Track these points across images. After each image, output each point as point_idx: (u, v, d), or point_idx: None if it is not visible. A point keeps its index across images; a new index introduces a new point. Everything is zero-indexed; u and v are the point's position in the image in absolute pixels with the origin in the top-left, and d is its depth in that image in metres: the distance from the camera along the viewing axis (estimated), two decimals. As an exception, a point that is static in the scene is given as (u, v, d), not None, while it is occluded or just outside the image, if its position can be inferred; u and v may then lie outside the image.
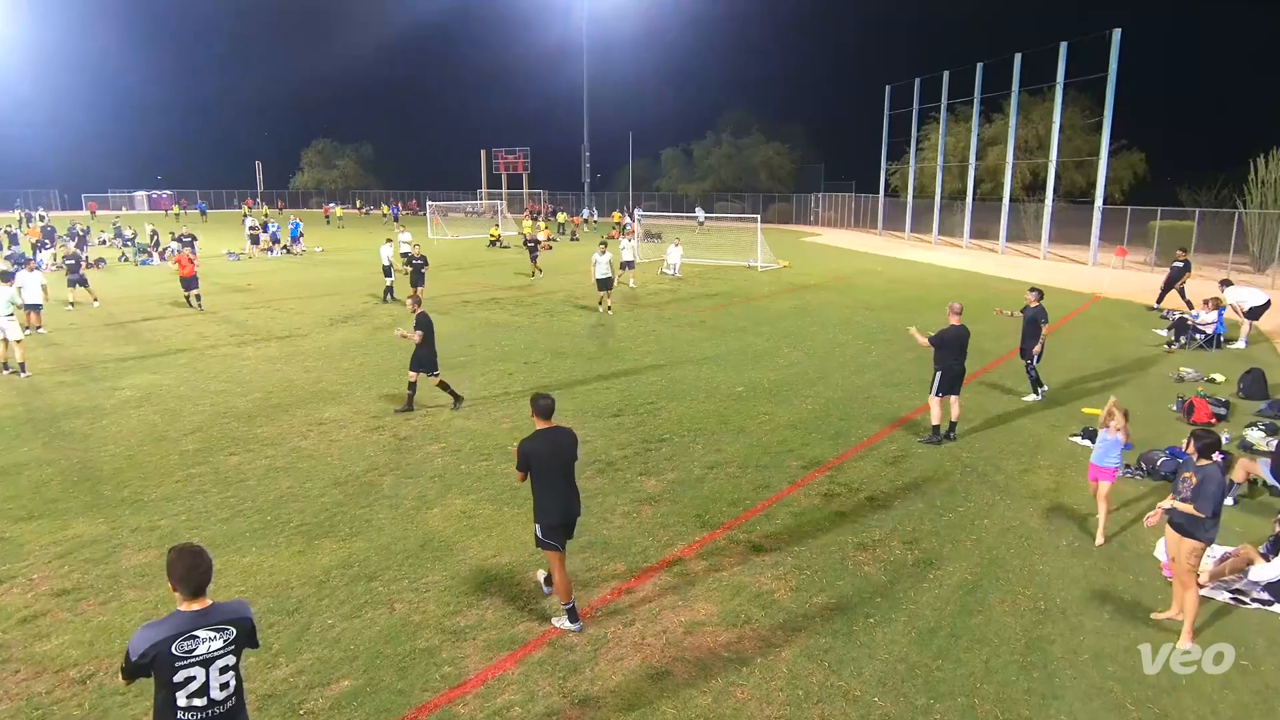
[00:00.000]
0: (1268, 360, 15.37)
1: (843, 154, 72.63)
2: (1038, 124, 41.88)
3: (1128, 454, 10.18)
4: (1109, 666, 5.84)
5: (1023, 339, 12.55)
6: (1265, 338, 17.77)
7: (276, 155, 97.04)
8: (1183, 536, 6.18)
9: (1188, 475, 6.19)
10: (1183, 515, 6.14)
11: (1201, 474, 6.07)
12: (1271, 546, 7.14)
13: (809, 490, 9.05)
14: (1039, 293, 12.50)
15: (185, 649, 3.45)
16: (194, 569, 3.57)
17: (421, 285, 21.05)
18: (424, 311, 11.93)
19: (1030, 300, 12.40)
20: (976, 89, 40.18)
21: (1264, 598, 6.80)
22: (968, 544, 7.74)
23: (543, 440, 6.16)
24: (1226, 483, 6.34)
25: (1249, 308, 17.28)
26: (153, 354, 15.78)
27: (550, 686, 5.54)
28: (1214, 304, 17.10)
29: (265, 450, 10.26)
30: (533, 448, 6.10)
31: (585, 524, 8.06)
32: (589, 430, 11.04)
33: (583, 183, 69.37)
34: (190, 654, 3.45)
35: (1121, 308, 22.35)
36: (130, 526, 8.01)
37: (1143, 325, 19.47)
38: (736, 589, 6.87)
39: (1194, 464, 6.19)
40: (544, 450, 6.12)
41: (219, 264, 32.73)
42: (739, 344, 16.92)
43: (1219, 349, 16.57)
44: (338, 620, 6.35)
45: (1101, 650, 6.04)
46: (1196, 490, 6.03)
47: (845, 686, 5.57)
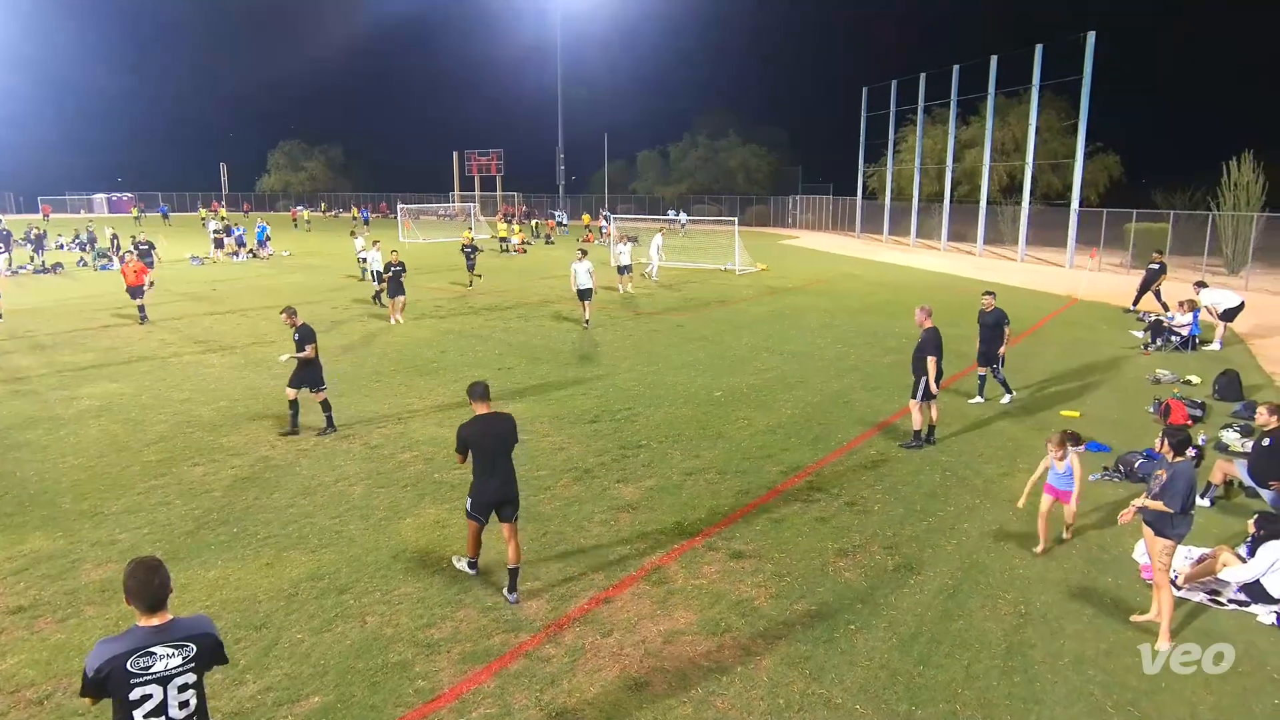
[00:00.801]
0: (1242, 362, 15.69)
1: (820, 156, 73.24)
2: (1014, 126, 42.51)
3: (1106, 456, 10.37)
4: (1089, 670, 5.91)
5: (985, 344, 12.45)
6: (1239, 339, 18.13)
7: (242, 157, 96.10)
8: (1155, 534, 6.30)
9: (1159, 473, 6.31)
10: (1152, 513, 6.25)
11: (1172, 470, 6.20)
12: (1248, 548, 7.27)
13: (788, 496, 9.08)
14: (993, 294, 12.54)
15: (141, 665, 3.36)
16: (148, 584, 3.46)
17: (402, 295, 20.14)
18: (306, 323, 11.11)
19: (987, 304, 12.39)
20: (953, 91, 40.69)
21: (1240, 599, 6.92)
22: (948, 549, 7.81)
23: (479, 424, 6.69)
24: (1196, 480, 6.46)
25: (1223, 309, 17.61)
26: (113, 362, 15.51)
27: (527, 699, 5.50)
28: (1189, 306, 17.43)
29: (231, 460, 10.12)
30: (470, 431, 6.64)
31: (562, 532, 8.06)
32: (565, 437, 11.01)
33: (558, 185, 69.32)
34: (146, 671, 3.36)
35: (1098, 310, 22.72)
36: (90, 540, 7.86)
37: (1119, 327, 19.80)
38: (716, 597, 6.87)
39: (1167, 462, 6.31)
40: (480, 433, 6.66)
41: (183, 269, 32.30)
42: (717, 348, 16.97)
43: (1194, 350, 16.89)
44: (307, 634, 6.27)
45: (1082, 654, 6.11)
46: (1165, 486, 6.15)
47: (827, 694, 5.59)
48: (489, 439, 6.65)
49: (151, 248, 28.09)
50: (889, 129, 47.19)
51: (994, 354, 12.46)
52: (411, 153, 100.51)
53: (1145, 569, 7.18)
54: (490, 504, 6.70)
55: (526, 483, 9.33)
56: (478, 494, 6.70)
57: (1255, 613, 6.75)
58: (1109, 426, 11.59)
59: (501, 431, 6.74)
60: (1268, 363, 16.11)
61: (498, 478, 6.69)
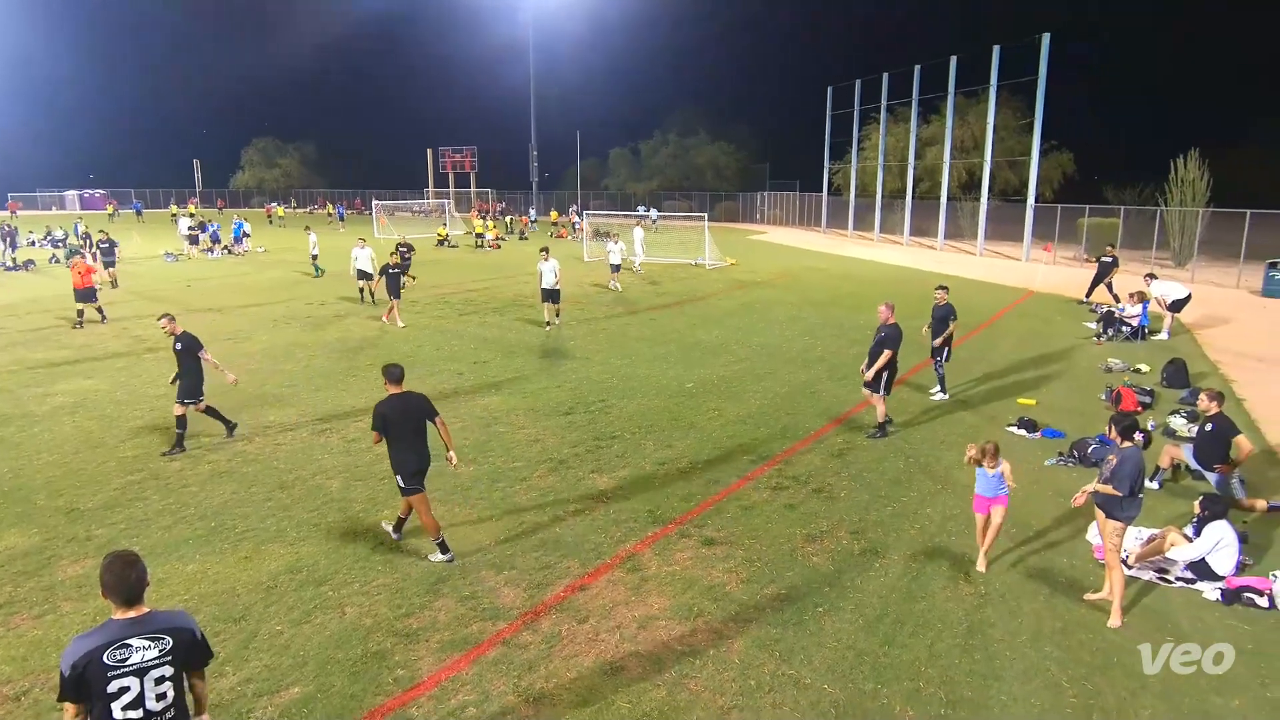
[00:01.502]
0: (1188, 351, 16.06)
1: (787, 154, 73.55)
2: (973, 125, 42.98)
3: (1060, 442, 10.56)
4: (1046, 647, 6.03)
5: (935, 336, 12.51)
6: (1186, 329, 18.54)
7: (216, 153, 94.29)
8: (1106, 516, 6.44)
9: (1110, 458, 6.44)
10: (1103, 496, 6.39)
11: (1121, 455, 6.34)
12: (1194, 528, 7.45)
13: (758, 484, 9.14)
14: (946, 289, 12.63)
15: (118, 658, 3.30)
16: (124, 577, 3.40)
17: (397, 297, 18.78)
18: (188, 331, 10.34)
19: (940, 298, 12.49)
20: (914, 91, 41.06)
21: (1187, 576, 7.10)
22: (911, 533, 7.92)
23: (394, 403, 7.03)
24: (1144, 464, 6.60)
25: (1171, 301, 17.99)
26: (87, 358, 15.18)
27: (505, 685, 5.50)
28: (1139, 298, 17.79)
29: (208, 455, 9.96)
30: (386, 410, 6.97)
31: (538, 522, 8.05)
32: (540, 429, 10.98)
33: (531, 182, 68.88)
34: (123, 663, 3.30)
35: (1053, 302, 23.09)
36: (66, 537, 7.70)
37: (1073, 318, 20.15)
38: (688, 583, 6.91)
39: (1117, 447, 6.45)
40: (396, 411, 7.00)
41: (156, 265, 31.67)
42: (688, 341, 17.01)
43: (1143, 340, 17.24)
44: (286, 626, 6.20)
45: (1039, 631, 6.23)
46: (1114, 471, 6.29)
47: (796, 674, 5.65)
48: (405, 416, 7.04)
49: (113, 246, 26.42)
50: (853, 127, 47.54)
51: (938, 347, 12.48)
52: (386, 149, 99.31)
53: (1098, 549, 7.33)
54: (419, 472, 7.08)
55: (503, 474, 9.33)
56: (403, 467, 7.02)
57: (1201, 589, 6.93)
58: (1063, 414, 11.80)
59: (415, 408, 7.13)
60: (1212, 351, 16.50)
61: (415, 451, 7.07)
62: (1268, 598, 6.65)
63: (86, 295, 18.44)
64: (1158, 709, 5.36)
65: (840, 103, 48.93)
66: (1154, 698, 5.46)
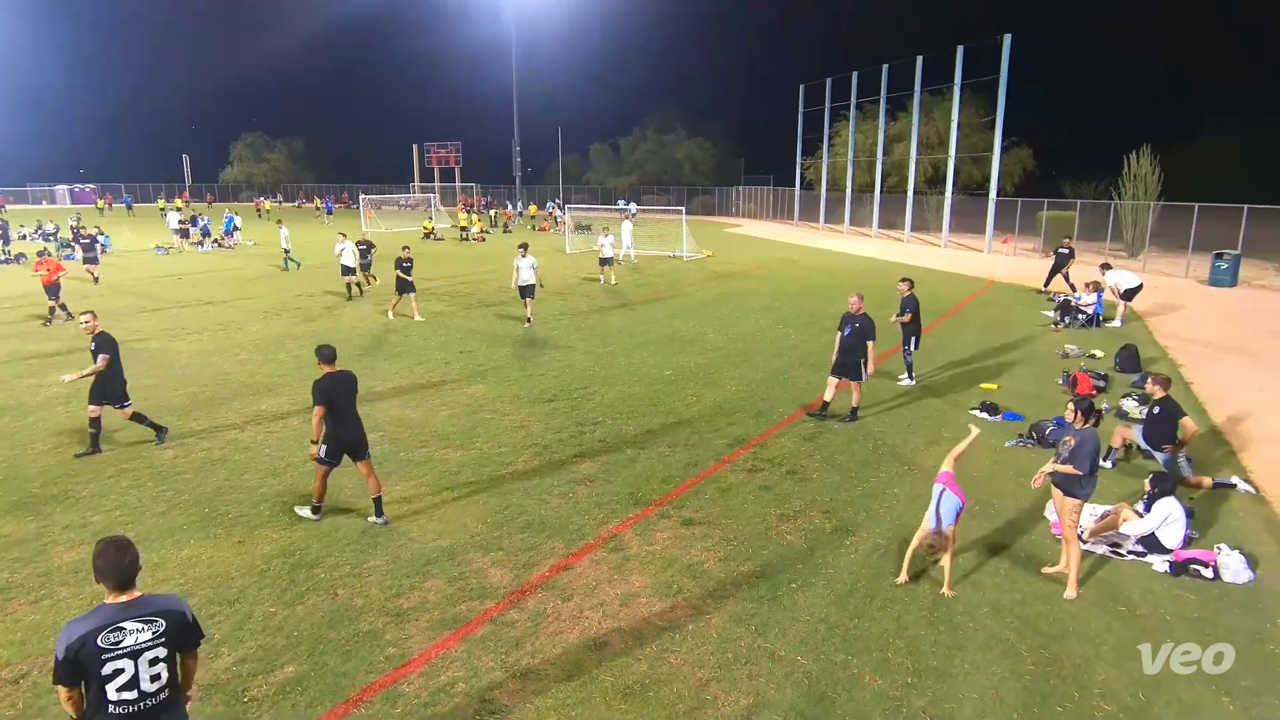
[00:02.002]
0: (1140, 337, 16.31)
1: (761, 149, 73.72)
2: (938, 122, 43.20)
3: (1020, 424, 10.70)
4: (1006, 618, 6.13)
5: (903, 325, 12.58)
6: (1138, 317, 18.82)
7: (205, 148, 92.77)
8: (1064, 495, 6.54)
9: (1068, 439, 6.53)
10: (1062, 475, 6.49)
11: (1080, 436, 6.42)
12: (1145, 504, 7.59)
13: (735, 466, 9.19)
14: (910, 282, 12.64)
15: (112, 640, 3.26)
16: (118, 562, 3.36)
17: (412, 291, 18.04)
18: (105, 330, 9.53)
19: (903, 290, 12.54)
20: (883, 89, 41.19)
21: (1138, 550, 7.24)
22: (880, 511, 8.00)
23: (331, 381, 7.27)
24: (1101, 444, 6.71)
25: (1124, 289, 18.24)
26: (79, 349, 14.90)
27: (493, 662, 5.51)
28: (1094, 287, 18.03)
29: (201, 443, 9.84)
30: (327, 386, 7.19)
31: (524, 505, 8.04)
32: (525, 415, 10.96)
33: (514, 176, 68.42)
34: (117, 646, 3.27)
35: (1013, 291, 23.34)
36: (61, 524, 7.59)
37: (1032, 307, 20.38)
38: (668, 561, 6.94)
39: (1073, 428, 6.53)
40: (334, 388, 7.24)
41: (147, 259, 31.16)
42: (667, 330, 17.02)
43: (1098, 327, 17.49)
44: (280, 608, 6.17)
45: (999, 603, 6.33)
46: (1074, 451, 6.37)
47: (771, 647, 5.71)
48: (342, 392, 7.32)
49: (94, 242, 24.98)
50: (824, 124, 47.66)
51: (906, 335, 12.56)
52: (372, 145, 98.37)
53: (1055, 525, 7.45)
54: (345, 447, 7.38)
55: (490, 458, 9.30)
56: (334, 441, 7.30)
57: (1151, 562, 7.07)
58: (1023, 398, 11.96)
59: (350, 385, 7.44)
60: (1162, 337, 16.77)
61: (351, 423, 7.39)
62: (1212, 569, 6.80)
63: (52, 291, 17.58)
64: (1111, 674, 5.47)
65: (812, 100, 49.04)
66: (1106, 665, 5.58)
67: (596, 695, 5.19)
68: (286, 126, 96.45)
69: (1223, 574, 6.75)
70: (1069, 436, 6.52)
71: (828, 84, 46.44)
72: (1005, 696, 5.23)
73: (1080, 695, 5.26)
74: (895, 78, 40.63)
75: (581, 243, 36.51)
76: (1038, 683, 5.37)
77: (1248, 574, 6.75)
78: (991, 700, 5.19)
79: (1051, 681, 5.39)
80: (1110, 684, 5.38)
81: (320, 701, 5.10)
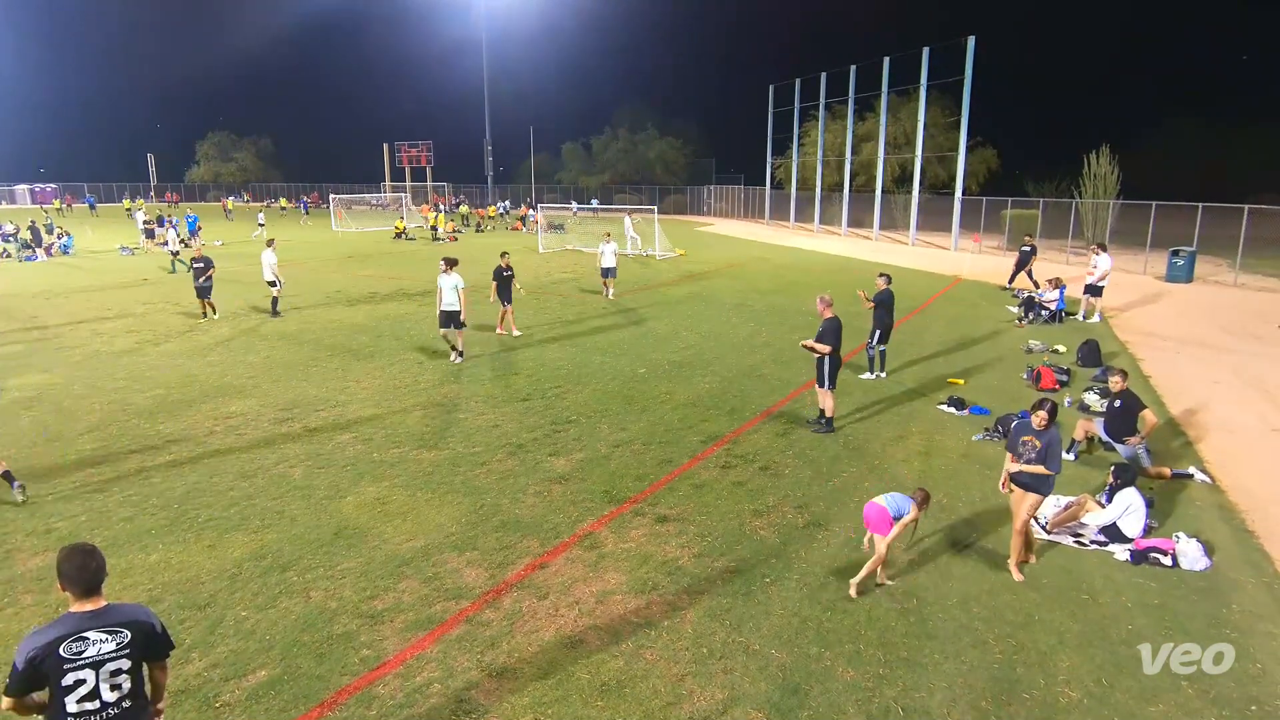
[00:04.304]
0: (1101, 332, 16.65)
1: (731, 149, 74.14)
2: (905, 122, 43.68)
3: (985, 418, 10.87)
4: (974, 608, 6.23)
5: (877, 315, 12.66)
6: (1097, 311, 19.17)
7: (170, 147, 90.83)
8: (1027, 492, 6.64)
9: (1028, 439, 6.59)
10: (1029, 476, 6.58)
11: (1046, 438, 6.49)
12: (1106, 495, 7.75)
13: (708, 463, 9.22)
14: (888, 277, 12.80)
15: (74, 650, 3.17)
16: (83, 568, 3.28)
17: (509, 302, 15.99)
18: None
19: (880, 284, 12.68)
20: (850, 89, 41.55)
21: (1100, 539, 7.39)
22: (851, 506, 8.07)
23: None
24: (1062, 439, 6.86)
25: (1088, 284, 18.32)
26: (42, 352, 14.55)
27: (468, 662, 5.47)
28: (1056, 284, 18.36)
29: (169, 446, 9.65)
30: None
31: (498, 504, 8.01)
32: (499, 415, 10.90)
33: (486, 176, 67.96)
34: (79, 656, 3.18)
35: (979, 288, 23.69)
36: (25, 530, 7.39)
37: (997, 303, 20.70)
38: (643, 558, 6.95)
39: (1032, 428, 6.59)
40: None
41: (112, 259, 30.46)
42: (640, 328, 17.02)
43: (1061, 323, 17.81)
44: (252, 612, 6.07)
45: (967, 594, 6.43)
46: (1046, 452, 6.45)
47: (745, 642, 5.74)
48: None
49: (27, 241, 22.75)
50: (794, 124, 47.96)
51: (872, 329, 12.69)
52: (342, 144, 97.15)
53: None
54: None
55: (464, 459, 9.24)
56: None
57: (1113, 551, 7.22)
58: (989, 392, 12.14)
59: None
60: (1122, 332, 17.13)
61: None
62: (1171, 557, 6.97)
63: None
64: (1075, 660, 5.58)
65: (781, 101, 49.32)
66: (1071, 650, 5.69)
67: (573, 693, 5.18)
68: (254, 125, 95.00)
69: (1181, 561, 6.92)
70: (1030, 437, 6.58)
71: (797, 85, 46.75)
72: (974, 684, 5.31)
73: (1046, 682, 5.36)
74: (863, 78, 41.02)
75: (554, 242, 36.40)
76: (1005, 670, 5.47)
77: (1204, 561, 6.93)
78: (961, 688, 5.27)
79: (1018, 669, 5.49)
80: (1075, 670, 5.49)
81: (294, 705, 5.03)
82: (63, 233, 33.98)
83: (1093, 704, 5.17)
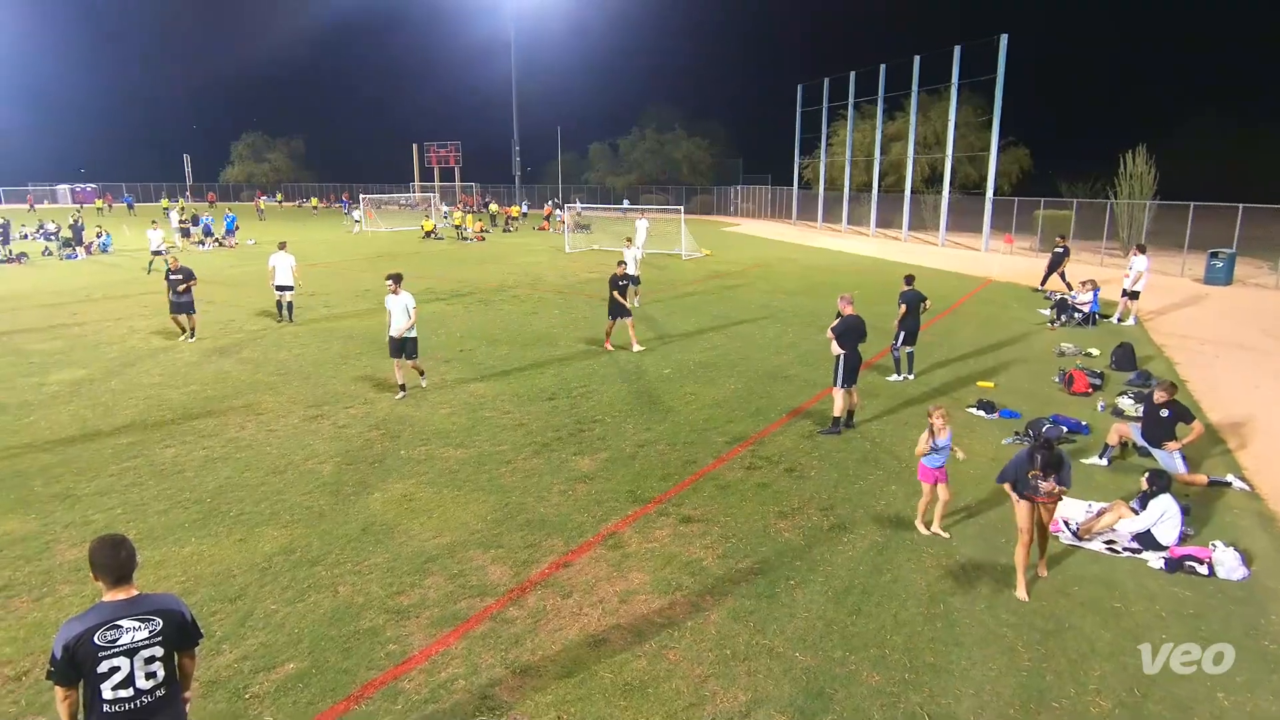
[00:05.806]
0: (1136, 335, 16.32)
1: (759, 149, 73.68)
2: (935, 122, 43.20)
3: (1016, 421, 10.70)
4: (1002, 614, 6.14)
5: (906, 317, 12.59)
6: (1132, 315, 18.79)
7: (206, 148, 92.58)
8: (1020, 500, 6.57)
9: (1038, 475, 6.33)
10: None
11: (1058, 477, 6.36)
12: (1139, 501, 7.60)
13: (733, 464, 9.19)
14: (909, 277, 12.81)
15: (108, 639, 3.24)
16: (114, 557, 3.35)
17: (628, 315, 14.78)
18: None
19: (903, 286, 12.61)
20: (880, 89, 41.20)
21: (1133, 547, 7.25)
22: (877, 509, 8.00)
23: None
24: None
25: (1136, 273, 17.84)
26: (81, 348, 14.91)
27: (493, 659, 5.51)
28: (1090, 285, 18.02)
29: (202, 442, 9.84)
30: None
31: (523, 503, 8.05)
32: (524, 414, 10.95)
33: (514, 176, 68.32)
34: (113, 644, 3.24)
35: (1010, 290, 23.34)
36: (63, 522, 7.58)
37: (1028, 305, 20.38)
38: (667, 558, 6.94)
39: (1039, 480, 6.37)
40: None
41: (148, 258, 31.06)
42: (665, 329, 17.01)
43: (1094, 326, 17.49)
44: (281, 605, 6.17)
45: (995, 600, 6.34)
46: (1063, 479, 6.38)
47: (769, 644, 5.71)
48: None
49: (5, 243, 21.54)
50: (822, 123, 47.64)
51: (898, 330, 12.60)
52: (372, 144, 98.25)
53: (1054, 526, 7.44)
54: None
55: (489, 457, 9.30)
56: None
57: (1146, 558, 7.07)
58: (1019, 395, 11.96)
59: None
60: (1158, 335, 16.78)
61: None
62: (1207, 566, 6.81)
63: None
64: (1106, 669, 5.48)
65: (810, 100, 49.01)
66: (1102, 661, 5.58)
67: (596, 692, 5.19)
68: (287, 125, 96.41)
69: (1218, 570, 6.76)
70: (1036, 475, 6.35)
71: (825, 84, 46.40)
72: (1002, 692, 5.23)
73: (1076, 691, 5.26)
74: (893, 77, 40.62)
75: (581, 241, 36.51)
76: (1034, 679, 5.38)
77: (1243, 570, 6.76)
78: (989, 695, 5.19)
79: (1048, 678, 5.39)
80: (1106, 679, 5.38)
81: (321, 698, 5.10)
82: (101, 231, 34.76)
83: (1125, 714, 5.06)
